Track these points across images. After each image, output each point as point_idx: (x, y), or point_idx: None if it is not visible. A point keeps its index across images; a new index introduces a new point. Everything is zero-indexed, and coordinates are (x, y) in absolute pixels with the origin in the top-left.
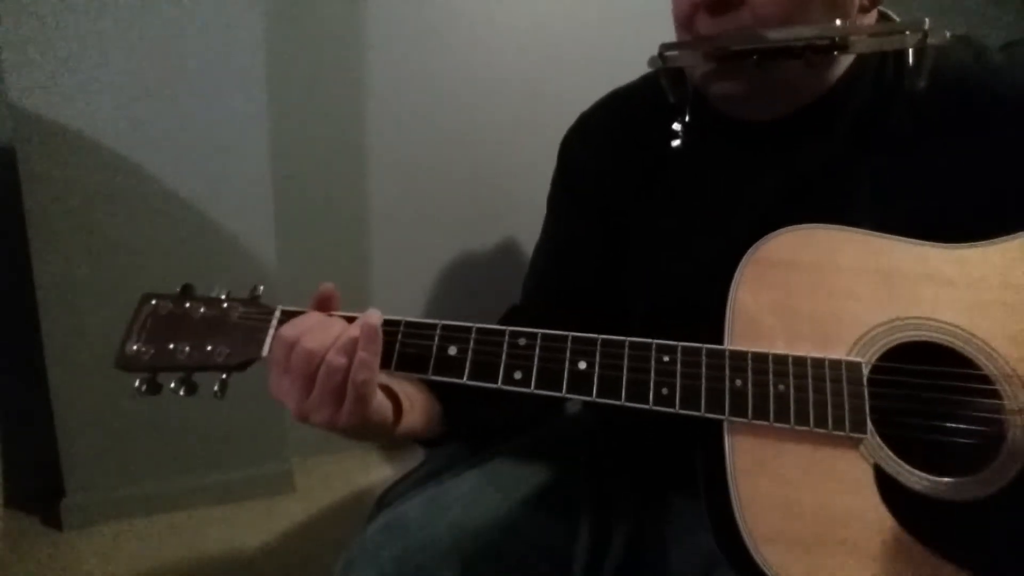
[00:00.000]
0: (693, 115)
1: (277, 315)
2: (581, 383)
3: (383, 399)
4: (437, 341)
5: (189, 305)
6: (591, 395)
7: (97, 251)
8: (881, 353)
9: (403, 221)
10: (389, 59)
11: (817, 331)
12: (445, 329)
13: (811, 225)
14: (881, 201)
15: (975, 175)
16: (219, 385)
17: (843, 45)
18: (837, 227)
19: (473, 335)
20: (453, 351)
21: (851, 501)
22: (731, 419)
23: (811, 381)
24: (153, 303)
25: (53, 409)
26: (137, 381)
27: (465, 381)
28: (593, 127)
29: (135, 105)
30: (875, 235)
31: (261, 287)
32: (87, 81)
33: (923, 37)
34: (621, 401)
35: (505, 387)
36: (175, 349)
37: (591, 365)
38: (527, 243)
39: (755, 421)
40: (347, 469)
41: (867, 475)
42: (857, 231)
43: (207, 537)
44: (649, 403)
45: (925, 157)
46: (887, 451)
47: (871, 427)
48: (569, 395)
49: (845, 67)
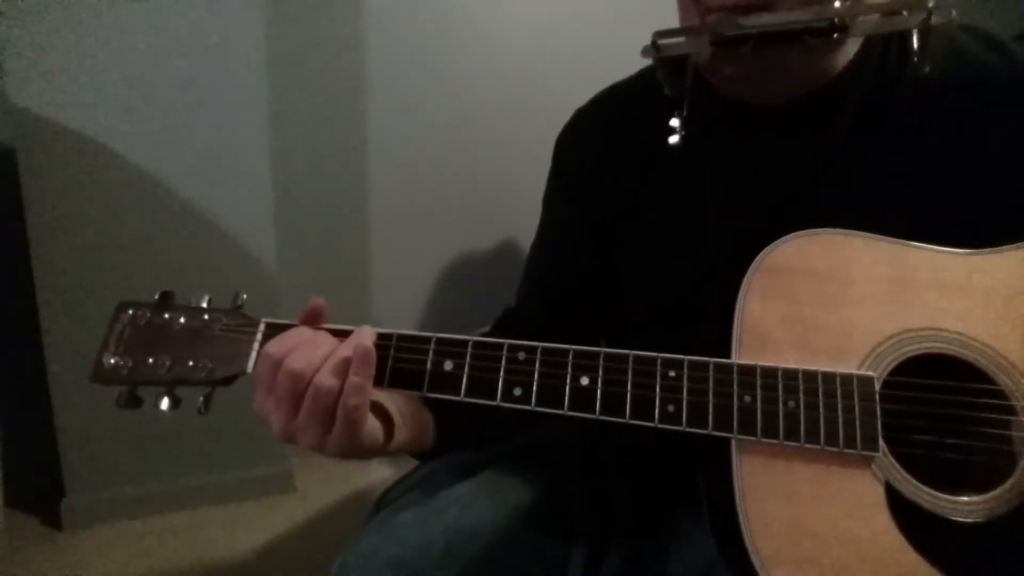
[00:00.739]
0: (692, 105)
1: (262, 328)
2: (583, 400)
3: (373, 421)
4: (432, 356)
5: (168, 316)
6: (594, 412)
7: (97, 251)
8: (893, 366)
9: (403, 222)
10: (389, 60)
11: (828, 343)
12: (440, 343)
13: (819, 231)
14: (886, 193)
15: (984, 167)
16: (203, 399)
17: (842, 27)
18: (845, 232)
19: (469, 349)
20: (449, 366)
21: (862, 523)
22: (739, 437)
23: (822, 398)
24: (130, 313)
25: (53, 409)
26: (116, 395)
27: (462, 398)
28: (588, 124)
29: (135, 105)
30: (885, 240)
31: (244, 296)
32: (87, 81)
33: (927, 17)
34: (625, 419)
35: (504, 404)
36: (155, 364)
37: (593, 381)
38: (526, 244)
39: (764, 439)
40: (347, 469)
41: (878, 494)
42: (866, 236)
43: (207, 537)
44: (655, 421)
45: (932, 148)
46: (899, 469)
47: (883, 445)
48: (571, 413)
49: (850, 56)
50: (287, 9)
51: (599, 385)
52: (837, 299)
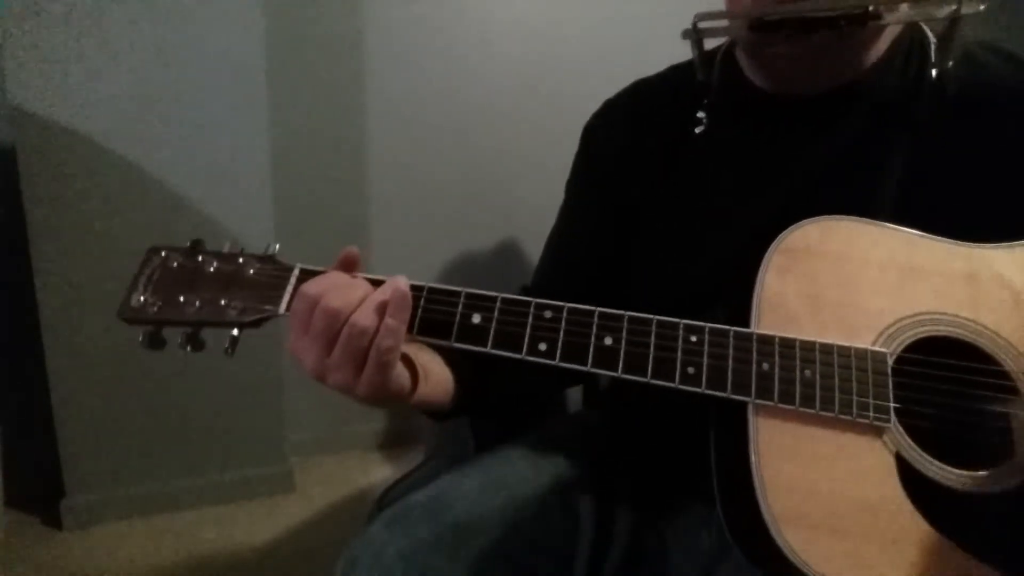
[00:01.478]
0: (721, 93)
1: (296, 273)
2: (607, 358)
3: (402, 368)
4: (461, 308)
5: (201, 259)
6: (617, 371)
7: (97, 251)
8: (905, 345)
9: (403, 222)
10: (389, 59)
11: (842, 321)
12: (469, 297)
13: (838, 217)
14: (901, 191)
15: (996, 172)
16: (230, 342)
17: (876, 15)
18: (863, 220)
19: (498, 304)
20: (477, 319)
21: (873, 488)
22: (757, 401)
23: (837, 368)
24: (162, 255)
25: (53, 409)
26: (140, 335)
27: (488, 350)
28: (617, 113)
29: (135, 105)
30: (901, 230)
31: (277, 245)
32: (87, 82)
33: (957, 7)
34: (647, 378)
35: (529, 358)
36: (185, 302)
37: (617, 341)
38: (527, 243)
39: (781, 404)
40: (347, 469)
41: (889, 464)
42: (883, 225)
43: (207, 537)
44: (675, 382)
45: (947, 151)
46: (909, 441)
47: (894, 417)
48: (594, 370)
49: (876, 57)
50: (287, 9)
51: (623, 345)
52: (852, 281)
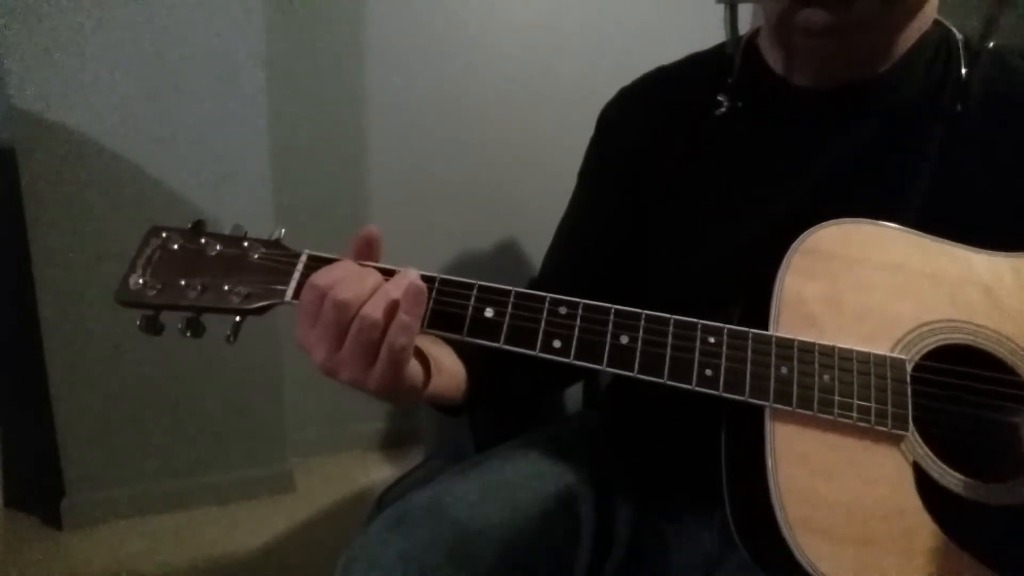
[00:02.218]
0: (741, 81)
1: (303, 260)
2: (623, 357)
3: (415, 363)
4: (473, 302)
5: (204, 241)
6: (632, 371)
7: (97, 252)
8: (924, 353)
9: (403, 222)
10: (389, 60)
11: (862, 326)
12: (482, 290)
13: (858, 220)
14: (933, 193)
15: (1020, 175)
16: (232, 329)
17: None
18: (884, 224)
19: (512, 299)
20: (490, 313)
21: (889, 497)
22: (774, 406)
23: (856, 375)
24: (163, 236)
25: (53, 409)
26: (138, 320)
27: (501, 345)
28: (634, 100)
29: (135, 105)
30: (922, 236)
31: (283, 230)
32: (87, 81)
33: None
34: (663, 379)
35: (543, 355)
36: (186, 286)
37: (633, 340)
38: (527, 244)
39: (799, 410)
40: (347, 469)
41: (906, 473)
42: (904, 229)
43: (207, 537)
44: (692, 383)
45: (970, 151)
46: (927, 450)
47: (912, 425)
48: (609, 369)
49: (903, 50)
50: (287, 10)
51: (639, 344)
52: (872, 285)
